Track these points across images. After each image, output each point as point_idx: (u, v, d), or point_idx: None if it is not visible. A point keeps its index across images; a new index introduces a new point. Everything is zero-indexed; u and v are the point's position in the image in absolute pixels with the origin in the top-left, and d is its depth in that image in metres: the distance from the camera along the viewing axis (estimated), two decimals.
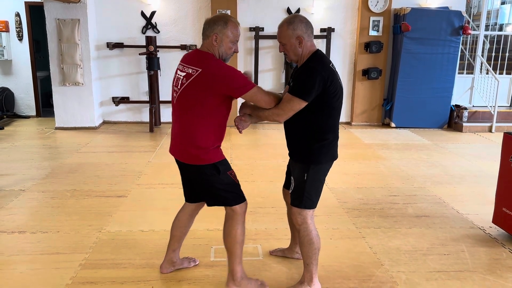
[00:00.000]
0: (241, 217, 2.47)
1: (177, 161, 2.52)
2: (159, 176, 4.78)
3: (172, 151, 2.50)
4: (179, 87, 2.37)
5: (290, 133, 2.51)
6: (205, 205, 2.64)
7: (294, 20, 2.35)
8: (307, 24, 2.37)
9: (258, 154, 5.74)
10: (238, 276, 2.53)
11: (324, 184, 2.54)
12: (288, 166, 2.71)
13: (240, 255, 2.52)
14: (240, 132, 2.56)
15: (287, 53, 2.41)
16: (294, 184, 2.48)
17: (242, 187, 2.51)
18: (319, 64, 2.32)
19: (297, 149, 2.48)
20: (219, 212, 2.64)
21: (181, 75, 2.36)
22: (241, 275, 2.55)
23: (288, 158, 2.62)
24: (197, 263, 2.88)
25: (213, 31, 2.31)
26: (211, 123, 2.35)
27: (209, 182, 2.42)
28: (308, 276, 2.54)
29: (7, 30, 7.82)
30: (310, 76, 2.28)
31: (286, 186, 2.77)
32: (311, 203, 2.46)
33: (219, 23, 2.31)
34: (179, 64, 2.41)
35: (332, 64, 2.39)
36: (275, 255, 3.03)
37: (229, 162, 2.50)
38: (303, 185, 2.43)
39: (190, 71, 2.31)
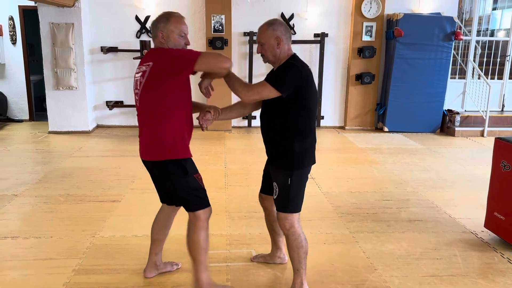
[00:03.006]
0: (204, 223, 2.43)
1: (145, 163, 2.47)
2: None
3: (140, 153, 2.47)
4: (139, 87, 2.38)
5: (271, 139, 2.52)
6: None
7: (274, 22, 2.45)
8: (286, 28, 2.46)
9: (252, 159, 5.74)
10: (203, 285, 2.48)
11: (318, 189, 2.55)
12: (265, 171, 2.73)
13: (205, 262, 2.47)
14: (203, 129, 2.56)
15: (264, 53, 2.46)
16: (279, 190, 2.47)
17: (237, 191, 2.52)
18: (298, 62, 2.42)
19: (279, 155, 2.48)
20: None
21: (138, 77, 2.39)
22: (207, 283, 2.49)
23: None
24: (179, 266, 2.88)
25: (158, 29, 2.37)
26: (175, 118, 2.34)
27: (173, 181, 2.40)
28: (299, 281, 2.53)
29: (1, 34, 7.77)
30: (288, 69, 2.37)
31: (263, 191, 2.78)
32: (297, 207, 2.49)
33: (161, 20, 2.38)
34: (136, 69, 2.44)
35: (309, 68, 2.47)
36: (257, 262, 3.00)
37: (223, 166, 2.50)
38: (288, 190, 2.44)
39: (144, 68, 2.35)
